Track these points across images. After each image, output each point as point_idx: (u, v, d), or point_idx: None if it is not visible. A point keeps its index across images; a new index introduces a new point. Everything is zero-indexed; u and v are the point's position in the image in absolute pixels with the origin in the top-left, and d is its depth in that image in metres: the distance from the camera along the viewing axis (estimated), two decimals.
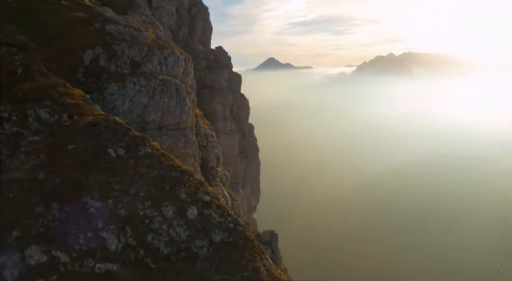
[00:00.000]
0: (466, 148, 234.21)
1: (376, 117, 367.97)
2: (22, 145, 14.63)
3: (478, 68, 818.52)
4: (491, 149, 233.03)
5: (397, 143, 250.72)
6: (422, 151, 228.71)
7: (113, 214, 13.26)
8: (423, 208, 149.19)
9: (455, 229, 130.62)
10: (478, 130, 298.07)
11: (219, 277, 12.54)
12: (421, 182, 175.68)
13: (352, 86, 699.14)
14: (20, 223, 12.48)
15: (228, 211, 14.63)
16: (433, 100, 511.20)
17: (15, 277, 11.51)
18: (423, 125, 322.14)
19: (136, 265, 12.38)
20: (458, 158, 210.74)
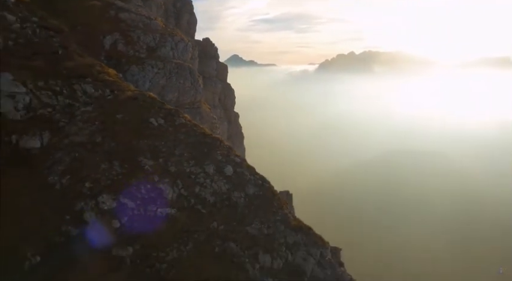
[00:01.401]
0: (422, 143, 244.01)
1: (338, 114, 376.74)
2: (77, 114, 16.74)
3: (434, 66, 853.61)
4: (445, 143, 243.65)
5: (358, 140, 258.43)
6: (382, 146, 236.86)
7: (165, 170, 15.72)
8: (383, 199, 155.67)
9: (409, 220, 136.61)
10: (433, 125, 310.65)
11: (257, 220, 15.31)
12: (380, 175, 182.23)
13: (315, 83, 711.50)
14: (90, 177, 14.75)
15: (255, 170, 17.39)
16: (392, 97, 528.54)
17: (94, 220, 13.81)
18: (383, 121, 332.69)
19: (190, 210, 14.94)
20: (414, 153, 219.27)
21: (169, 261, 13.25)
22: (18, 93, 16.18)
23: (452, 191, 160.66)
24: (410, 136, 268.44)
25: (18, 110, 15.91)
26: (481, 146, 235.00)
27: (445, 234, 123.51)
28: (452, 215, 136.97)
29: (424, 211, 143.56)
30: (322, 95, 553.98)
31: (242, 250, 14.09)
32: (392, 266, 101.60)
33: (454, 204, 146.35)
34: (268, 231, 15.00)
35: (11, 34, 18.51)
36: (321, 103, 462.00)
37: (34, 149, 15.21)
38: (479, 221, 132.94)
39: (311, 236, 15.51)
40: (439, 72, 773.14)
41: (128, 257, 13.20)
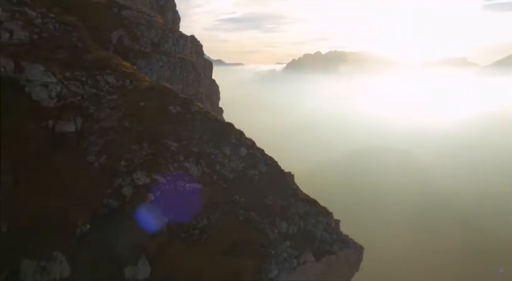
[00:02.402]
0: (388, 141, 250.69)
1: (306, 114, 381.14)
2: (104, 102, 18.32)
3: (399, 66, 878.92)
4: (408, 140, 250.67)
5: (326, 139, 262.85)
6: (350, 145, 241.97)
7: (188, 151, 17.57)
8: (351, 197, 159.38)
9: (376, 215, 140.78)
10: (399, 124, 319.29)
11: (271, 193, 17.45)
12: (348, 174, 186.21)
13: (283, 83, 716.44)
14: (124, 157, 16.44)
15: (264, 152, 19.49)
16: (358, 97, 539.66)
17: (129, 195, 15.53)
18: (350, 121, 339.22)
19: (214, 185, 16.89)
20: (381, 151, 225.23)
21: (201, 228, 15.19)
22: (50, 83, 17.63)
23: (417, 188, 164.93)
24: (376, 135, 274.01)
25: (52, 98, 17.38)
26: (442, 143, 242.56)
27: (414, 232, 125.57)
28: (416, 211, 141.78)
29: (393, 208, 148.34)
30: (290, 95, 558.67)
31: (262, 218, 16.17)
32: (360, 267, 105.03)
33: (420, 202, 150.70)
34: (282, 202, 17.13)
35: (34, 29, 19.84)
36: (289, 103, 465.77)
37: (69, 133, 16.74)
38: (441, 217, 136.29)
39: (317, 207, 17.75)
40: (403, 72, 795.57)
41: (165, 226, 15.05)
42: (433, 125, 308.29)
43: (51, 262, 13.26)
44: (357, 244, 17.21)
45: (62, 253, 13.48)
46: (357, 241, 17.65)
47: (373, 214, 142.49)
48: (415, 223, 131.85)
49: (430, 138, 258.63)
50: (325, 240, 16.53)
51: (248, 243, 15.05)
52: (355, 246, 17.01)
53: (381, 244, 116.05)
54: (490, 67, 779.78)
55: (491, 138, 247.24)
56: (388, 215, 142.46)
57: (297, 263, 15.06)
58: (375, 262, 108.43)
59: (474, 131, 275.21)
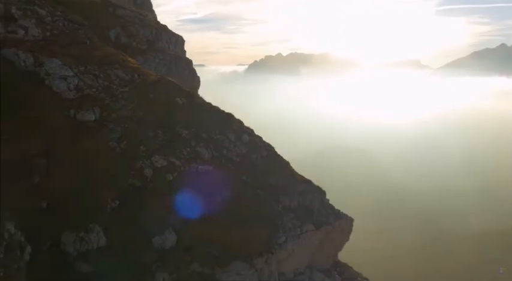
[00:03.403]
0: (348, 140, 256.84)
1: (268, 115, 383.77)
2: (117, 94, 19.84)
3: (357, 67, 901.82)
4: (367, 140, 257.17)
5: (288, 140, 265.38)
6: (312, 145, 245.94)
7: (198, 137, 19.44)
8: None
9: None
10: (358, 124, 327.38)
11: (273, 174, 19.62)
12: (311, 175, 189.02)
13: (245, 84, 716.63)
14: (142, 142, 18.11)
15: (262, 139, 21.63)
16: (319, 97, 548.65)
17: (150, 176, 17.26)
18: (311, 122, 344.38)
19: (222, 166, 18.83)
20: (342, 151, 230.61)
21: (216, 202, 17.16)
22: (68, 76, 19.03)
23: (379, 187, 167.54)
24: (338, 135, 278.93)
25: (71, 90, 18.79)
26: (400, 142, 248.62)
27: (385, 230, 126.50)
28: (379, 211, 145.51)
29: (355, 208, 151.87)
30: (252, 96, 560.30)
31: (267, 195, 18.28)
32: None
33: (383, 202, 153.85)
34: (282, 182, 19.30)
35: (46, 26, 21.05)
36: (251, 104, 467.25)
37: (90, 121, 18.23)
38: (403, 216, 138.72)
39: (312, 185, 20.07)
40: (362, 73, 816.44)
41: (183, 201, 16.90)
42: (391, 125, 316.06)
43: (89, 233, 14.85)
44: (347, 216, 19.65)
45: (98, 225, 15.11)
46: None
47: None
48: (377, 223, 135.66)
49: (389, 137, 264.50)
50: (322, 213, 18.87)
51: (258, 215, 17.14)
52: (346, 218, 19.44)
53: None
54: (442, 69, 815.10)
55: (445, 138, 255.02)
56: (350, 215, 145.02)
57: (300, 231, 17.28)
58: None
59: (429, 130, 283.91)
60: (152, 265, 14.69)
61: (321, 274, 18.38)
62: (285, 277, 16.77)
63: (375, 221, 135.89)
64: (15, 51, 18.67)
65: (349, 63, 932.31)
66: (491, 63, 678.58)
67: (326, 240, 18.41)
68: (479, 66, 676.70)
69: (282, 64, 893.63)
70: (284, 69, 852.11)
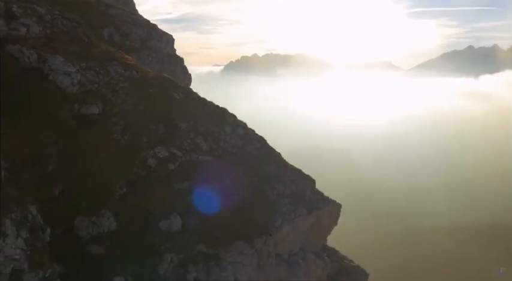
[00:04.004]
0: (323, 140, 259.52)
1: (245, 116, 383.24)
2: (118, 89, 20.72)
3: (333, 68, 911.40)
4: (343, 140, 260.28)
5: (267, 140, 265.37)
6: (290, 145, 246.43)
7: (196, 129, 20.55)
8: None
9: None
10: (332, 124, 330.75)
11: (267, 164, 20.93)
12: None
13: (222, 85, 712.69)
14: (145, 134, 19.09)
15: (255, 132, 22.90)
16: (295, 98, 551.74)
17: (154, 166, 18.31)
18: (288, 122, 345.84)
19: (220, 157, 20.00)
20: (317, 150, 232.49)
21: (216, 189, 18.34)
22: (71, 72, 19.83)
23: (356, 186, 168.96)
24: (314, 135, 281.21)
25: (74, 85, 19.60)
26: (375, 142, 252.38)
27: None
28: (356, 208, 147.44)
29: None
30: (229, 97, 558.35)
31: (263, 182, 19.59)
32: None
33: (359, 201, 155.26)
34: (276, 171, 20.61)
35: (47, 24, 21.72)
36: (228, 104, 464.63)
37: (94, 115, 19.10)
38: (379, 215, 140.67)
39: (303, 174, 21.47)
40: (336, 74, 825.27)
41: (185, 188, 18.03)
42: (365, 125, 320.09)
43: (100, 217, 15.82)
44: (336, 202, 21.13)
45: (108, 210, 16.09)
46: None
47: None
48: (355, 222, 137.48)
49: (364, 138, 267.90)
50: (312, 199, 20.27)
51: (255, 201, 18.41)
52: (335, 204, 20.92)
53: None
54: (413, 70, 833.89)
55: (416, 138, 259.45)
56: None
57: (294, 215, 18.63)
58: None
59: (401, 130, 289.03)
60: (160, 246, 15.74)
61: (313, 255, 19.80)
62: (281, 258, 18.09)
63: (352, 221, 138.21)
64: (19, 48, 19.33)
65: (324, 64, 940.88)
66: (460, 64, 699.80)
67: (317, 224, 19.82)
68: (448, 67, 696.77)
69: (258, 65, 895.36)
70: (260, 69, 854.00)
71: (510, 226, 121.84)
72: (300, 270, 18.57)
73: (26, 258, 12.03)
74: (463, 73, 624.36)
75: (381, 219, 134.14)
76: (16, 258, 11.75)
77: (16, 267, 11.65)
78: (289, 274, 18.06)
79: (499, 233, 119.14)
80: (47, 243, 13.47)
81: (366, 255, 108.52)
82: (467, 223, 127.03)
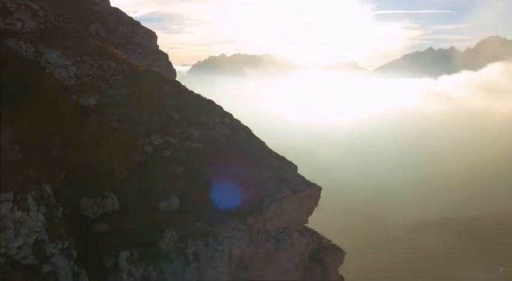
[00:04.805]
0: (291, 140, 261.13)
1: None
2: (112, 82, 21.80)
3: (299, 68, 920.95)
4: (311, 140, 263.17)
5: None
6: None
7: (187, 119, 21.90)
8: None
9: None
10: (300, 123, 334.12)
11: (253, 152, 22.53)
12: None
13: (189, 84, 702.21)
14: (141, 123, 20.32)
15: (240, 122, 24.45)
16: (263, 98, 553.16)
17: (150, 152, 19.58)
18: (257, 122, 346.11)
19: (210, 144, 21.46)
20: (285, 150, 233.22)
21: (209, 173, 19.81)
22: (68, 65, 20.78)
23: (323, 186, 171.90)
24: (282, 135, 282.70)
25: (71, 78, 20.56)
26: (339, 142, 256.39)
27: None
28: (325, 210, 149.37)
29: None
30: None
31: (251, 167, 21.18)
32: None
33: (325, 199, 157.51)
34: (262, 157, 22.23)
35: (40, 19, 22.52)
36: None
37: (91, 105, 20.16)
38: (341, 212, 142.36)
39: (286, 161, 23.18)
40: (304, 75, 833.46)
41: (180, 172, 19.41)
42: (333, 125, 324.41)
43: (104, 198, 16.99)
44: (316, 185, 22.94)
45: (111, 192, 17.29)
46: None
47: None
48: (320, 222, 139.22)
49: (331, 138, 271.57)
50: (296, 182, 21.99)
51: (245, 183, 20.00)
52: (316, 186, 22.72)
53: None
54: (377, 71, 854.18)
55: (381, 137, 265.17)
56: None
57: (280, 196, 20.33)
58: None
59: (366, 130, 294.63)
60: (161, 224, 17.05)
61: (297, 233, 21.57)
62: (269, 234, 19.74)
63: (318, 220, 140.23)
64: (16, 42, 20.13)
65: (292, 65, 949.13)
66: (421, 65, 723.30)
67: (300, 205, 21.57)
68: (411, 68, 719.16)
69: (226, 65, 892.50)
70: (228, 70, 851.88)
71: (474, 221, 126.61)
72: (286, 246, 20.27)
73: (46, 230, 13.20)
74: (425, 73, 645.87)
75: (347, 218, 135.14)
76: (38, 230, 12.90)
77: (38, 238, 12.80)
78: (277, 248, 19.73)
79: (464, 228, 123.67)
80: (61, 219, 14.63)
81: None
82: (433, 219, 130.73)
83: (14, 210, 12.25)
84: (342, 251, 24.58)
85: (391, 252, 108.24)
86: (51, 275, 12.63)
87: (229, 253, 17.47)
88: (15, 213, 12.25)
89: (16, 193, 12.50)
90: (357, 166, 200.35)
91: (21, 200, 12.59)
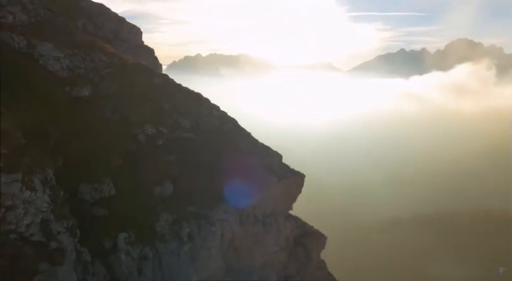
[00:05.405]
0: (268, 140, 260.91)
1: None
2: (103, 74, 22.43)
3: (274, 68, 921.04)
4: (287, 140, 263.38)
5: None
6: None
7: (177, 110, 22.75)
8: None
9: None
10: (276, 123, 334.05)
11: (240, 139, 23.58)
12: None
13: None
14: (134, 113, 21.07)
15: (227, 113, 25.45)
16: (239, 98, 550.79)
17: (144, 141, 20.37)
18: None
19: (200, 134, 22.38)
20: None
21: (200, 161, 20.75)
22: (60, 57, 21.34)
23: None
24: (259, 135, 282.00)
25: (64, 69, 21.13)
26: (319, 142, 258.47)
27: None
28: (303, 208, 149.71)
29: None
30: None
31: (239, 155, 22.23)
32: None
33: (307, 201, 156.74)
34: (250, 146, 23.31)
35: (30, 13, 22.92)
36: None
37: (84, 96, 20.79)
38: (324, 210, 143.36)
39: (272, 150, 24.23)
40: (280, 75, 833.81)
41: (173, 160, 20.29)
42: (310, 125, 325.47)
43: (101, 184, 17.70)
44: (300, 173, 24.17)
45: (108, 178, 18.03)
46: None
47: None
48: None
49: (308, 138, 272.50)
50: (281, 170, 23.15)
51: (235, 169, 21.03)
52: (299, 174, 23.92)
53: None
54: (352, 71, 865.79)
55: (355, 137, 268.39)
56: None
57: (267, 183, 21.48)
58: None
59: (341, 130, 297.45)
60: (156, 208, 17.92)
61: (283, 218, 22.77)
62: (257, 218, 20.85)
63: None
64: (9, 35, 20.57)
65: (268, 65, 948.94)
66: (394, 66, 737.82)
67: (285, 191, 22.76)
68: (384, 69, 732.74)
69: (202, 65, 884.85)
70: (204, 70, 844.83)
71: (447, 217, 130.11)
72: (273, 229, 21.43)
73: (51, 211, 13.93)
74: (397, 74, 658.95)
75: (324, 218, 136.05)
76: (44, 210, 13.61)
77: (44, 218, 13.52)
78: (264, 231, 20.85)
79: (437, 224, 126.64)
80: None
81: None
82: (408, 217, 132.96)
83: (23, 190, 12.93)
84: (324, 237, 25.89)
85: (369, 252, 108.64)
86: (58, 251, 13.34)
87: (221, 234, 18.46)
88: (24, 193, 12.94)
89: (24, 174, 13.17)
90: (333, 166, 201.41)
91: (28, 181, 13.27)
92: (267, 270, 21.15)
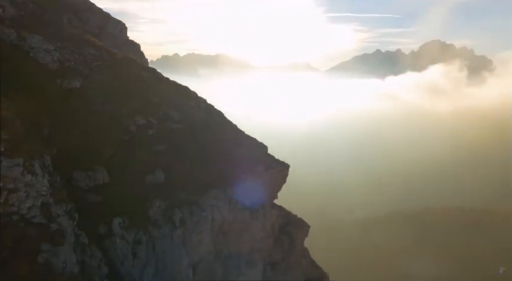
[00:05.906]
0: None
1: None
2: (93, 67, 22.84)
3: (253, 68, 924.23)
4: (266, 140, 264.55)
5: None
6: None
7: (167, 102, 23.39)
8: None
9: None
10: (256, 124, 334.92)
11: (227, 132, 24.37)
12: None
13: None
14: (124, 106, 21.59)
15: (213, 106, 26.20)
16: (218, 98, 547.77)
17: (135, 131, 20.95)
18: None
19: (189, 125, 23.06)
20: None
21: (190, 151, 21.45)
22: (51, 50, 21.69)
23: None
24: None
25: (54, 62, 21.48)
26: (299, 141, 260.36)
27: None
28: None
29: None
30: None
31: (227, 146, 23.03)
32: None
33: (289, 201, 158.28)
34: (237, 138, 24.16)
35: (19, 6, 23.16)
36: None
37: (75, 89, 21.20)
38: (304, 209, 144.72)
39: (257, 141, 25.10)
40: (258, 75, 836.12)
41: (164, 149, 20.94)
42: (288, 125, 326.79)
43: (96, 172, 18.23)
44: (285, 163, 25.12)
45: (102, 166, 18.57)
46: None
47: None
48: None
49: (286, 137, 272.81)
50: (267, 160, 24.05)
51: (223, 159, 21.82)
52: (284, 164, 24.86)
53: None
54: (329, 72, 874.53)
55: (333, 137, 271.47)
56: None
57: (254, 172, 22.37)
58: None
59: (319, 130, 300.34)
60: (149, 195, 18.58)
61: (268, 206, 23.68)
62: (245, 205, 21.71)
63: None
64: (0, 27, 20.84)
65: (246, 65, 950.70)
66: (370, 67, 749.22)
67: (271, 181, 23.68)
68: (360, 69, 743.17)
69: (180, 64, 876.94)
70: (182, 69, 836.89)
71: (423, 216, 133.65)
72: (259, 216, 22.31)
73: (50, 194, 14.46)
74: (373, 74, 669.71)
75: (303, 217, 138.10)
76: (44, 194, 14.14)
77: (44, 201, 14.04)
78: (252, 218, 21.71)
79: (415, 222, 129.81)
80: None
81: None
82: (382, 215, 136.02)
83: (24, 173, 13.44)
84: (307, 225, 26.91)
85: (350, 251, 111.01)
86: (58, 233, 13.87)
87: (211, 219, 19.23)
88: (26, 176, 13.45)
89: (24, 159, 13.68)
90: (311, 166, 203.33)
91: (29, 166, 13.78)
92: (254, 256, 22.00)
